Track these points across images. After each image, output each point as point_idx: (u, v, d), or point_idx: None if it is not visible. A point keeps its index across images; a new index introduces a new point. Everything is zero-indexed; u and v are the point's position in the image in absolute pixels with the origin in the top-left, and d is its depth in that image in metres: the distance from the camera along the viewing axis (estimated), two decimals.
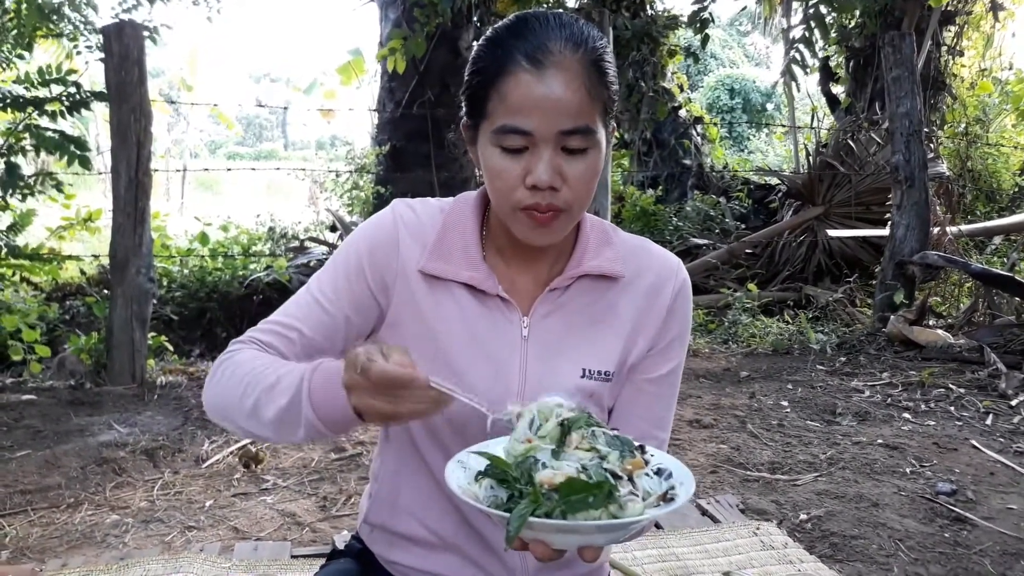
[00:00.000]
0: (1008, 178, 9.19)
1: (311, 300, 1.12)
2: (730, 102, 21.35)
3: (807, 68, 8.31)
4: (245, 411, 1.01)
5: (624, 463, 0.89)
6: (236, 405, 1.03)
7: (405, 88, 7.43)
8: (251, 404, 1.00)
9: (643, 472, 0.90)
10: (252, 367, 1.03)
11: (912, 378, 4.32)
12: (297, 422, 0.97)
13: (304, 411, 0.95)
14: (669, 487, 0.90)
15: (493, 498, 0.87)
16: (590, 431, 0.92)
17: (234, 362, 1.06)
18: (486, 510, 0.84)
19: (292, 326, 1.10)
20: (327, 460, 3.15)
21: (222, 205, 11.42)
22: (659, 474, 0.92)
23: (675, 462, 0.95)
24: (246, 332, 1.12)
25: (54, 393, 3.96)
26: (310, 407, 0.95)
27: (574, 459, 0.88)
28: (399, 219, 1.14)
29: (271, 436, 1.01)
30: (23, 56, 4.99)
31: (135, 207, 4.11)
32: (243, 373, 1.03)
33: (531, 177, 1.00)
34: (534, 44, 0.98)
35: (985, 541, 2.47)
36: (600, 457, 0.88)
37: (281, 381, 0.99)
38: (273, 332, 1.10)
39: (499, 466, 0.88)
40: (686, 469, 0.93)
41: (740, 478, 3.02)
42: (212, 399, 1.07)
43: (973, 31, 9.55)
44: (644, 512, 0.84)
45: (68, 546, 2.42)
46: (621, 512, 0.83)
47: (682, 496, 0.88)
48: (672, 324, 1.17)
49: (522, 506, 0.82)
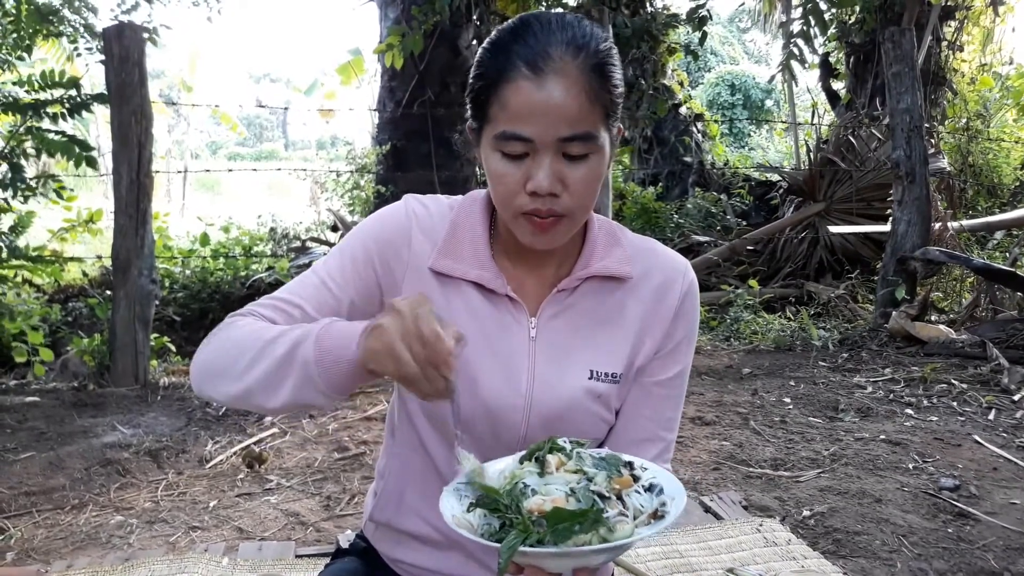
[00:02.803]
0: (1009, 173, 9.17)
1: (317, 281, 1.11)
2: (730, 99, 21.32)
3: (806, 64, 8.31)
4: (237, 369, 0.99)
5: (611, 483, 0.90)
6: (227, 366, 1.01)
7: (405, 87, 7.42)
8: (246, 360, 0.98)
9: (633, 489, 0.91)
10: (252, 330, 1.02)
11: (914, 374, 4.32)
12: (288, 371, 0.95)
13: (303, 352, 0.94)
14: (660, 503, 0.91)
15: (487, 526, 0.88)
16: (575, 453, 0.93)
17: (234, 326, 1.05)
18: (479, 541, 0.85)
19: (295, 303, 1.09)
20: (330, 460, 3.15)
21: (223, 206, 11.44)
22: (650, 490, 0.93)
23: (667, 476, 0.95)
24: (246, 305, 1.10)
25: (57, 395, 3.97)
26: (313, 347, 0.93)
27: (561, 482, 0.89)
28: (412, 214, 1.14)
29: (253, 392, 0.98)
30: (23, 58, 4.99)
31: (137, 208, 4.12)
32: (240, 336, 1.02)
33: (531, 183, 1.00)
34: (535, 49, 0.98)
35: (988, 536, 2.47)
36: (587, 479, 0.90)
37: (286, 333, 0.98)
38: (275, 307, 1.09)
39: (490, 495, 0.89)
40: (678, 484, 0.93)
41: (743, 475, 3.03)
42: (202, 365, 1.05)
43: (973, 26, 9.54)
44: (634, 532, 0.85)
45: (73, 547, 2.43)
46: (611, 535, 0.84)
47: (672, 512, 0.88)
48: (679, 326, 1.17)
49: (511, 537, 0.83)
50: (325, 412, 3.68)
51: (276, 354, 0.96)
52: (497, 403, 1.10)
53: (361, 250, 1.12)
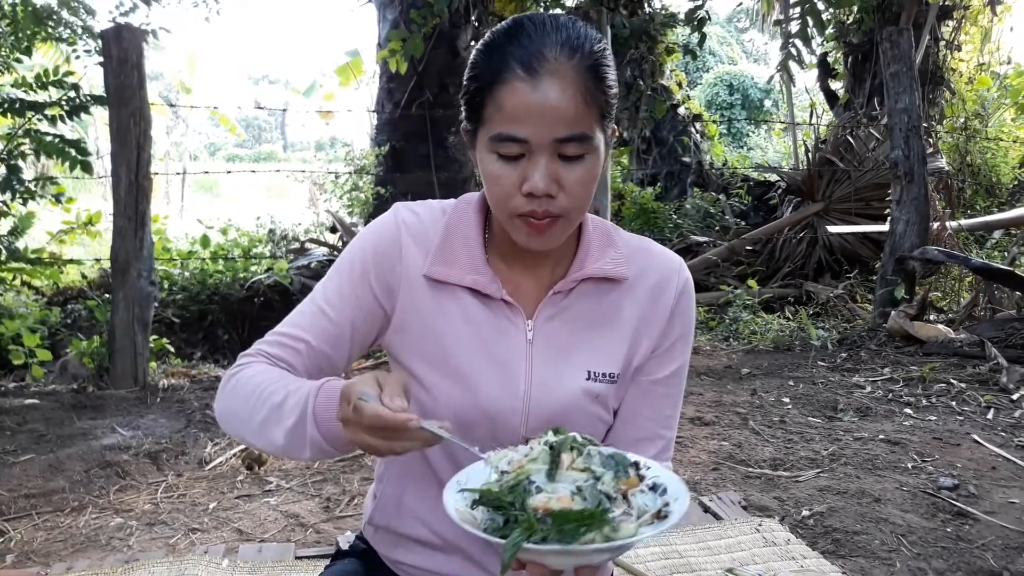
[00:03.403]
0: (1007, 172, 9.18)
1: (316, 310, 1.12)
2: (729, 99, 21.35)
3: (804, 64, 8.32)
4: (254, 427, 1.03)
5: (619, 483, 0.90)
6: (246, 421, 1.05)
7: (404, 89, 7.43)
8: (260, 420, 1.02)
9: (638, 489, 0.91)
10: (260, 382, 1.04)
11: (913, 373, 4.32)
12: (303, 442, 0.99)
13: (309, 432, 0.98)
14: (664, 503, 0.91)
15: (490, 522, 0.88)
16: (585, 451, 0.93)
17: (243, 376, 1.07)
18: (484, 536, 0.85)
19: (299, 337, 1.11)
20: (330, 461, 3.15)
21: (222, 207, 11.43)
22: (654, 490, 0.93)
23: (670, 476, 0.95)
24: (254, 344, 1.13)
25: (57, 397, 3.97)
26: (315, 429, 0.97)
27: (569, 480, 0.89)
28: (401, 224, 1.14)
29: (280, 452, 1.03)
30: (20, 60, 4.99)
31: (135, 210, 4.12)
32: (251, 389, 1.04)
33: (527, 184, 1.00)
34: (529, 51, 0.98)
35: (987, 535, 2.48)
36: (595, 478, 0.90)
37: (288, 399, 1.00)
38: (280, 344, 1.11)
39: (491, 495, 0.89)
40: (681, 484, 0.94)
41: (742, 475, 3.03)
42: (223, 414, 1.09)
43: (971, 25, 9.55)
44: (637, 532, 0.86)
45: (73, 550, 2.43)
46: (615, 534, 0.84)
47: (676, 513, 0.89)
48: (675, 324, 1.17)
49: (515, 534, 0.83)
50: None
51: (286, 425, 1.00)
52: (496, 407, 1.10)
53: (357, 269, 1.13)
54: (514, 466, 0.92)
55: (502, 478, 0.92)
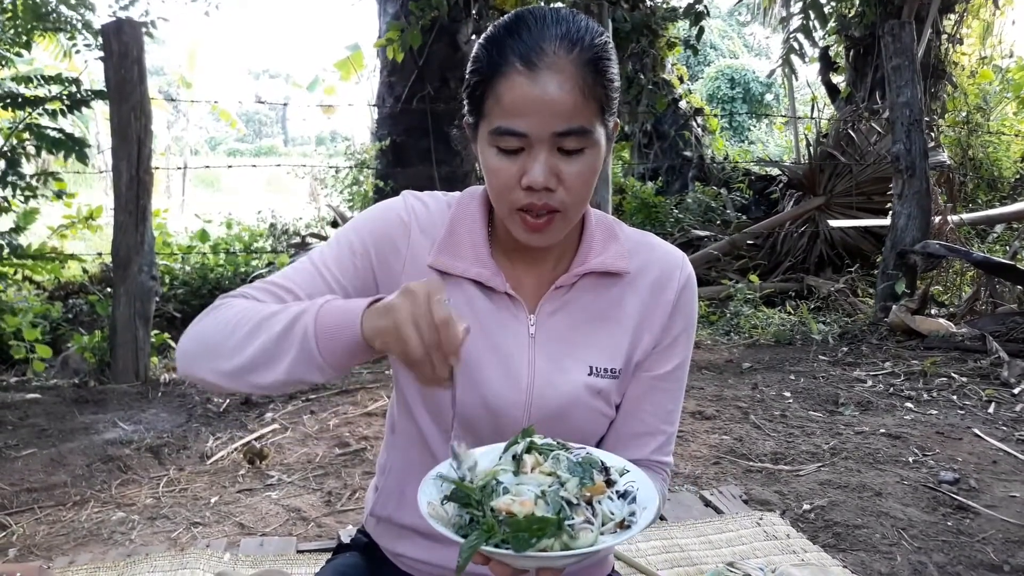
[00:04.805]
0: (1009, 166, 9.16)
1: (312, 269, 1.10)
2: (730, 93, 21.29)
3: (805, 57, 8.30)
4: (230, 345, 0.98)
5: (583, 490, 0.90)
6: (220, 342, 1.00)
7: (404, 83, 7.41)
8: (241, 336, 0.98)
9: (605, 496, 0.91)
10: (248, 306, 1.02)
11: (914, 367, 4.32)
12: (286, 346, 0.94)
13: (303, 327, 0.94)
14: (630, 512, 0.91)
15: (458, 518, 0.89)
16: (552, 455, 0.93)
17: (226, 306, 1.04)
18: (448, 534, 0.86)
19: (289, 288, 1.08)
20: (331, 455, 3.16)
21: (223, 202, 11.44)
22: (623, 497, 0.93)
23: (646, 483, 0.95)
24: (238, 288, 1.10)
25: (58, 391, 3.98)
26: (314, 322, 0.93)
27: (534, 484, 0.89)
28: (411, 210, 1.15)
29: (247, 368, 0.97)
30: (21, 54, 4.98)
31: (136, 205, 4.12)
32: (235, 313, 1.01)
33: (526, 178, 1.00)
34: (528, 44, 0.98)
35: (988, 529, 2.48)
36: (560, 483, 0.90)
37: (284, 309, 0.98)
38: (267, 290, 1.08)
39: (463, 490, 0.90)
40: (654, 492, 0.93)
41: (743, 469, 3.03)
42: (192, 338, 1.04)
43: (973, 19, 9.52)
44: (597, 541, 0.86)
45: (75, 544, 2.44)
46: (573, 542, 0.85)
47: (640, 523, 0.89)
48: (677, 319, 1.17)
49: (473, 536, 0.84)
50: (326, 408, 3.68)
51: (274, 330, 0.96)
52: (498, 400, 1.10)
53: (359, 243, 1.12)
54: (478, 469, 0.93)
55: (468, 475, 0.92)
